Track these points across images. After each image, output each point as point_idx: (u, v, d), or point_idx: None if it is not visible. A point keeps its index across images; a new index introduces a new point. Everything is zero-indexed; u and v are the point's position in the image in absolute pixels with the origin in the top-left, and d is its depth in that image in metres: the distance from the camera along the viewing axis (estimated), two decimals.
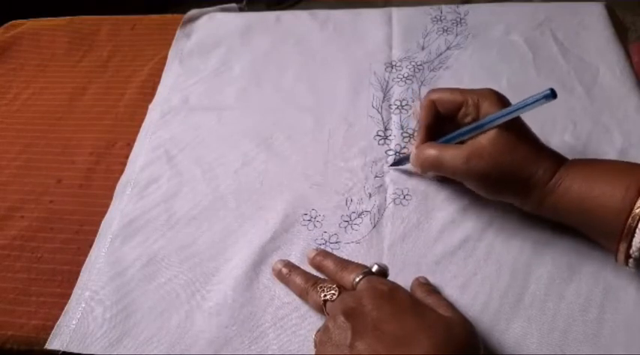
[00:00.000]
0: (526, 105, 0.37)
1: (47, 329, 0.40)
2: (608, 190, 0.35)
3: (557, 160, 0.38)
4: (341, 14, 0.63)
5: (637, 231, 0.33)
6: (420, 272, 0.40)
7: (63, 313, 0.41)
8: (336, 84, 0.55)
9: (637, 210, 0.33)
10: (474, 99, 0.40)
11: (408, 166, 0.46)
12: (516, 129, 0.38)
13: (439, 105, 0.42)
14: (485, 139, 0.38)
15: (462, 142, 0.40)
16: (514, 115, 0.37)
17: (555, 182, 0.37)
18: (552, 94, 0.35)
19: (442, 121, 0.42)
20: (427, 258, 0.41)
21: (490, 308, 0.38)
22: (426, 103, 0.42)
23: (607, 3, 0.59)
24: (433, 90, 0.43)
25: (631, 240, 0.34)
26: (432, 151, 0.41)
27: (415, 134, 0.47)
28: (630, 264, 0.35)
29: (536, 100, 0.36)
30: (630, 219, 0.33)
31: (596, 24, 0.57)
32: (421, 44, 0.58)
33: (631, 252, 0.34)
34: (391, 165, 0.48)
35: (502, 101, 0.39)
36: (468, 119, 0.40)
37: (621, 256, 0.35)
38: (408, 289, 0.38)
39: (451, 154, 0.39)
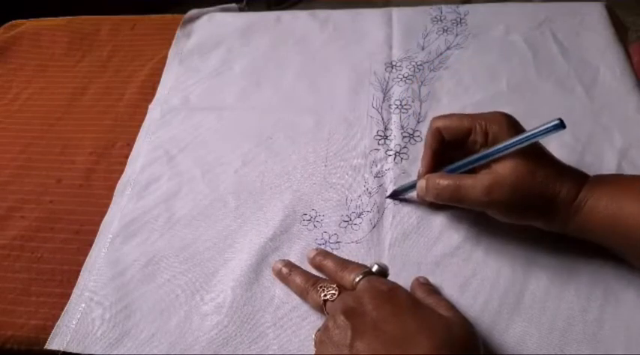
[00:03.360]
0: (536, 135, 0.35)
1: (47, 329, 0.40)
2: (638, 209, 0.34)
3: (579, 178, 0.37)
4: (341, 14, 0.63)
5: None
6: (420, 272, 0.40)
7: (63, 313, 0.41)
8: (336, 84, 0.55)
9: None
10: (481, 126, 0.38)
11: (410, 195, 0.44)
12: (534, 154, 0.37)
13: (445, 132, 0.40)
14: (503, 168, 0.36)
15: (472, 170, 0.39)
16: (524, 144, 0.36)
17: (580, 201, 0.36)
18: (561, 125, 0.35)
19: (449, 148, 0.40)
20: (427, 258, 0.41)
21: (490, 308, 0.38)
22: (432, 131, 0.41)
23: (607, 3, 0.59)
24: (437, 118, 0.41)
25: None
26: (448, 182, 0.39)
27: (420, 162, 0.44)
28: None
29: (547, 130, 0.35)
30: None
31: (596, 24, 0.57)
32: (421, 44, 0.58)
33: None
34: (390, 196, 0.45)
35: (511, 123, 0.38)
36: (477, 146, 0.39)
37: None
38: (408, 289, 0.38)
39: (470, 185, 0.37)
